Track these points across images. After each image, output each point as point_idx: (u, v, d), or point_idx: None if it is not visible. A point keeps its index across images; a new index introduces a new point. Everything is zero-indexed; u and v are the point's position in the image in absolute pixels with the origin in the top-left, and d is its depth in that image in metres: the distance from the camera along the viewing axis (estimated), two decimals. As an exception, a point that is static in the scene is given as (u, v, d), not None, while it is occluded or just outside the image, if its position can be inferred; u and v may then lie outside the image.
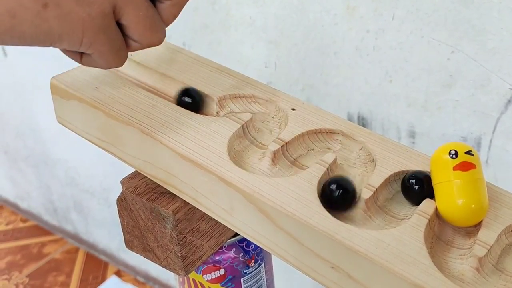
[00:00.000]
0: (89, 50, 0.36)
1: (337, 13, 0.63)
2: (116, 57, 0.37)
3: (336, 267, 0.32)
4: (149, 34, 0.38)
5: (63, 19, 0.33)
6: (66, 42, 0.34)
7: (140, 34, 0.37)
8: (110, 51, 0.37)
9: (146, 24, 0.37)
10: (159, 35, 0.38)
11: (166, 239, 0.40)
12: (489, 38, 0.54)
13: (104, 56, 0.37)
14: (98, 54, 0.36)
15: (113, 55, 0.37)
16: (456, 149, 0.33)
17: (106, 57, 0.37)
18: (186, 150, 0.37)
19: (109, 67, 0.39)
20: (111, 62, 0.38)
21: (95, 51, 0.36)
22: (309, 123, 0.40)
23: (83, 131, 0.43)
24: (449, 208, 0.33)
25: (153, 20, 0.37)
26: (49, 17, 0.33)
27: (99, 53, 0.36)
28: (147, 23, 0.37)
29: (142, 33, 0.37)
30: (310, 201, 0.34)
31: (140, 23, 0.37)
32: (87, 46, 0.35)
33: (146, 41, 0.38)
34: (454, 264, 0.32)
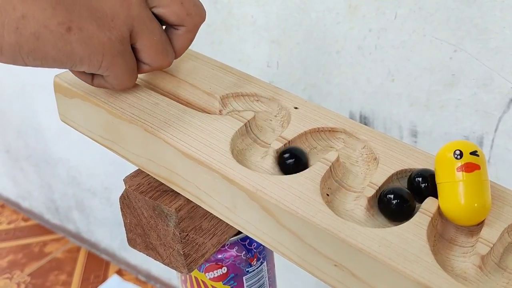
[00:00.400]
0: (106, 73, 0.38)
1: (339, 12, 0.63)
2: (130, 79, 0.39)
3: (339, 265, 0.32)
4: (161, 58, 0.39)
5: (85, 43, 0.35)
6: (86, 65, 0.36)
7: (152, 58, 0.39)
8: (125, 74, 0.38)
9: (158, 49, 0.39)
10: (169, 59, 0.40)
11: (168, 237, 0.40)
12: (492, 37, 0.54)
13: (118, 78, 0.39)
14: (114, 76, 0.38)
15: (127, 77, 0.39)
16: (461, 149, 0.33)
17: (120, 79, 0.39)
18: (189, 148, 0.37)
19: (121, 89, 0.41)
20: (124, 84, 0.39)
21: (111, 73, 0.38)
22: (311, 122, 0.40)
23: (86, 129, 0.43)
24: (451, 208, 0.33)
25: (165, 45, 0.39)
26: (72, 40, 0.34)
27: (115, 75, 0.38)
28: (159, 48, 0.39)
29: (154, 57, 0.39)
30: (313, 199, 0.34)
31: (153, 48, 0.38)
32: (105, 69, 0.37)
33: (157, 64, 0.40)
34: (456, 262, 0.32)
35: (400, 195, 0.34)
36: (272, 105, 0.43)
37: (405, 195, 0.34)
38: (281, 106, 0.43)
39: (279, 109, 0.43)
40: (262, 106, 0.43)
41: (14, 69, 1.16)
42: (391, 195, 0.33)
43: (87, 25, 0.35)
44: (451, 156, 0.33)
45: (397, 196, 0.33)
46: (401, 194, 0.34)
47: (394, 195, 0.33)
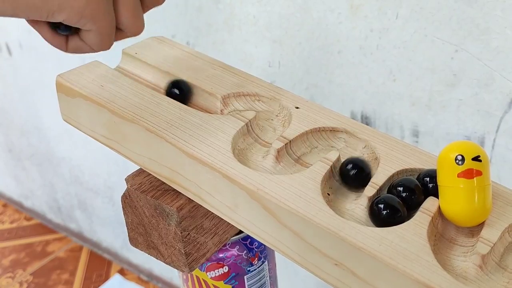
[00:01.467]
0: (88, 25, 0.34)
1: (341, 12, 0.63)
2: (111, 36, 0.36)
3: (340, 264, 0.32)
4: (135, 21, 0.37)
5: None
6: (66, 12, 0.32)
7: (128, 20, 0.36)
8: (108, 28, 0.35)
9: (135, 11, 0.36)
10: (142, 24, 0.38)
11: (170, 236, 0.40)
12: (493, 37, 0.54)
13: (102, 33, 0.35)
14: (97, 30, 0.34)
15: (110, 33, 0.35)
16: (463, 154, 0.32)
17: (103, 34, 0.35)
18: (191, 148, 0.38)
19: (101, 48, 0.36)
20: (105, 42, 0.36)
21: (94, 26, 0.34)
22: (312, 121, 0.41)
23: (88, 128, 0.44)
24: (451, 212, 0.33)
25: (139, 7, 0.37)
26: None
27: (98, 29, 0.34)
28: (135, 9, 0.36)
29: (129, 19, 0.36)
30: (314, 198, 0.34)
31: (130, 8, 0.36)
32: (88, 19, 0.33)
33: (131, 29, 0.37)
34: (457, 261, 0.32)
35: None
36: (273, 104, 0.43)
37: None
38: (282, 105, 0.43)
39: (280, 109, 0.43)
40: (263, 106, 0.43)
41: (17, 68, 1.16)
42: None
43: None
44: (453, 161, 0.32)
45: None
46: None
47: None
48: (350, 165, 0.37)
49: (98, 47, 0.36)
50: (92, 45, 0.36)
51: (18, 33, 1.10)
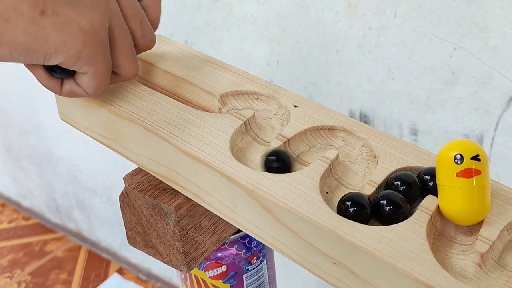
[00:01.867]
0: (84, 68, 0.33)
1: (339, 10, 0.63)
2: (106, 80, 0.36)
3: (339, 263, 0.32)
4: (131, 65, 0.37)
5: (62, 28, 0.31)
6: (62, 54, 0.32)
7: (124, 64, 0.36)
8: (104, 71, 0.35)
9: (130, 53, 0.36)
10: (137, 67, 0.38)
11: (168, 235, 0.40)
12: (492, 35, 0.54)
13: (98, 76, 0.34)
14: (93, 73, 0.34)
15: (106, 77, 0.35)
16: (462, 153, 0.31)
17: (100, 78, 0.35)
18: (189, 147, 0.37)
19: (95, 93, 0.36)
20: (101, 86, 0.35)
21: (90, 69, 0.34)
22: (311, 120, 0.40)
23: (86, 128, 0.43)
24: (450, 211, 0.33)
25: (133, 50, 0.37)
26: (46, 25, 0.31)
27: (94, 72, 0.34)
28: (130, 52, 0.36)
29: (126, 63, 0.36)
30: (313, 197, 0.34)
31: (125, 51, 0.36)
32: (85, 62, 0.33)
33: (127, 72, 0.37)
34: (456, 260, 0.32)
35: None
36: (272, 103, 0.43)
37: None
38: (281, 104, 0.43)
39: (279, 108, 0.43)
40: (261, 105, 0.43)
41: (16, 68, 1.16)
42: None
43: (63, 10, 0.31)
44: (452, 160, 0.32)
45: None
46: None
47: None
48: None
49: (92, 90, 0.36)
50: (87, 88, 0.36)
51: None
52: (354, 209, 0.33)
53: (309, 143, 0.40)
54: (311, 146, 0.40)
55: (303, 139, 0.40)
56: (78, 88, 0.36)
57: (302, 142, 0.40)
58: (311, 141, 0.40)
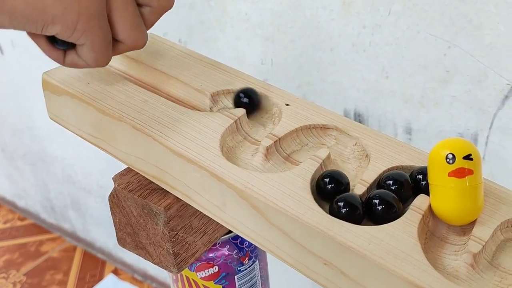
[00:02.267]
0: (81, 39, 0.34)
1: (333, 9, 0.62)
2: (106, 52, 0.36)
3: (329, 264, 0.31)
4: (135, 34, 0.37)
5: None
6: (59, 25, 0.33)
7: (127, 33, 0.36)
8: (102, 42, 0.35)
9: (134, 23, 0.36)
10: (143, 37, 0.38)
11: (158, 236, 0.40)
12: (486, 33, 0.53)
13: (95, 48, 0.35)
14: (90, 45, 0.35)
15: (104, 49, 0.36)
16: (454, 153, 0.31)
17: (97, 49, 0.35)
18: (178, 146, 0.37)
19: (96, 64, 0.37)
20: (100, 57, 0.36)
21: (87, 40, 0.35)
22: (303, 119, 0.40)
23: (75, 127, 0.43)
24: (442, 210, 0.32)
25: (139, 20, 0.37)
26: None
27: (92, 43, 0.35)
28: (134, 21, 0.36)
29: (129, 32, 0.36)
30: (303, 197, 0.33)
31: (128, 20, 0.36)
32: (80, 33, 0.34)
33: (131, 41, 0.37)
34: (448, 260, 0.31)
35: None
36: (264, 102, 0.43)
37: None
38: (273, 103, 0.42)
39: (271, 106, 0.42)
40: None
41: (9, 67, 1.15)
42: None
43: None
44: (443, 159, 0.31)
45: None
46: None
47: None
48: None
49: (93, 62, 0.37)
50: (87, 60, 0.36)
51: (10, 32, 1.09)
52: (347, 210, 0.32)
53: (300, 142, 0.40)
54: (303, 145, 0.40)
55: (294, 138, 0.39)
56: (79, 59, 0.37)
57: (293, 141, 0.39)
58: (302, 140, 0.40)
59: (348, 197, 0.33)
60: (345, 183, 0.35)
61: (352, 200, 0.33)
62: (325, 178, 0.34)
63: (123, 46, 0.37)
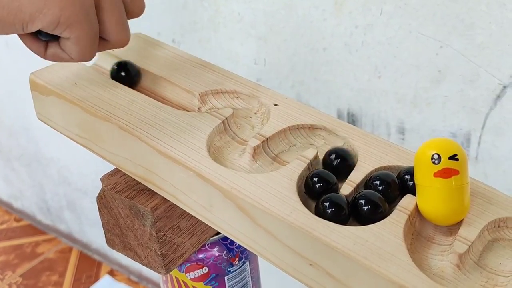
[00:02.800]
0: (66, 33, 0.33)
1: (325, 8, 0.62)
2: (91, 46, 0.35)
3: (314, 264, 0.31)
4: (120, 31, 0.36)
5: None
6: (39, 21, 0.32)
7: (113, 30, 0.36)
8: (88, 37, 0.34)
9: (119, 19, 0.36)
10: (128, 34, 0.37)
11: (145, 237, 0.40)
12: (478, 32, 0.53)
13: (81, 41, 0.34)
14: (76, 39, 0.34)
15: (90, 43, 0.35)
16: (439, 153, 0.31)
17: (83, 43, 0.34)
18: (165, 146, 0.37)
19: (80, 58, 0.36)
20: (85, 51, 0.35)
21: (72, 34, 0.33)
22: (291, 119, 0.40)
23: (63, 127, 0.43)
24: (428, 210, 0.32)
25: (124, 16, 0.36)
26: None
27: (77, 37, 0.34)
28: (120, 17, 0.36)
29: (115, 28, 0.36)
30: (289, 197, 0.33)
31: (115, 16, 0.35)
32: (64, 26, 0.33)
33: (117, 38, 0.36)
34: (434, 260, 0.31)
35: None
36: (252, 102, 0.42)
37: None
38: (261, 103, 0.42)
39: (259, 106, 0.42)
40: (242, 103, 0.43)
41: (4, 68, 1.15)
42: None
43: None
44: (429, 160, 0.31)
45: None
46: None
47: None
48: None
49: (77, 56, 0.36)
50: (71, 53, 0.35)
51: (4, 33, 1.08)
52: (332, 210, 0.32)
53: (289, 142, 0.39)
54: (291, 145, 0.39)
55: (282, 138, 0.39)
56: (62, 52, 0.36)
57: (281, 141, 0.39)
58: (291, 140, 0.39)
59: (334, 197, 0.33)
60: (333, 183, 0.34)
61: (338, 200, 0.32)
62: (313, 178, 0.34)
63: (107, 44, 0.37)
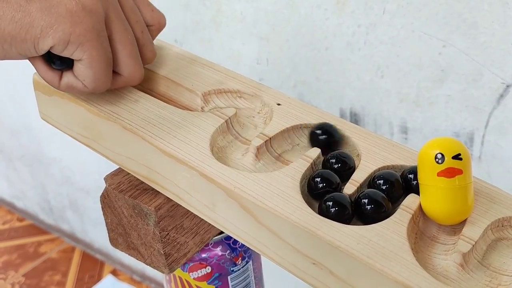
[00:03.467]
0: (78, 53, 0.32)
1: (328, 7, 0.62)
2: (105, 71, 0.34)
3: (318, 264, 0.31)
4: (134, 64, 0.36)
5: (48, 10, 0.30)
6: (50, 38, 0.31)
7: (126, 62, 0.35)
8: (101, 59, 0.33)
9: (132, 52, 0.35)
10: (141, 70, 0.37)
11: (149, 236, 0.40)
12: (481, 31, 0.53)
13: (94, 64, 0.33)
14: (88, 60, 0.33)
15: (103, 67, 0.34)
16: (443, 152, 0.30)
17: (96, 66, 0.33)
18: (168, 146, 0.37)
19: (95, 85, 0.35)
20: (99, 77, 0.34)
21: (84, 54, 0.33)
22: (294, 118, 0.40)
23: (66, 127, 0.43)
24: (431, 210, 0.32)
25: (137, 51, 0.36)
26: (32, 10, 0.30)
27: (89, 58, 0.33)
28: (133, 51, 0.35)
29: (128, 61, 0.35)
30: (292, 196, 0.33)
31: (127, 48, 0.35)
32: (76, 45, 0.32)
33: (130, 72, 0.36)
34: (438, 260, 0.31)
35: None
36: (255, 101, 0.42)
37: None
38: (264, 102, 0.42)
39: (262, 106, 0.42)
40: (245, 103, 0.43)
41: (6, 68, 1.15)
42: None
43: None
44: (433, 159, 0.31)
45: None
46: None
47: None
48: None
49: (91, 82, 0.34)
50: (85, 79, 0.34)
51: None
52: (336, 209, 0.32)
53: (292, 142, 0.39)
54: (294, 144, 0.39)
55: (285, 137, 0.39)
56: (76, 81, 0.35)
57: (285, 141, 0.39)
58: (294, 139, 0.39)
59: (337, 196, 0.33)
60: (336, 183, 0.34)
61: (341, 200, 0.32)
62: (316, 178, 0.34)
63: (120, 78, 0.36)
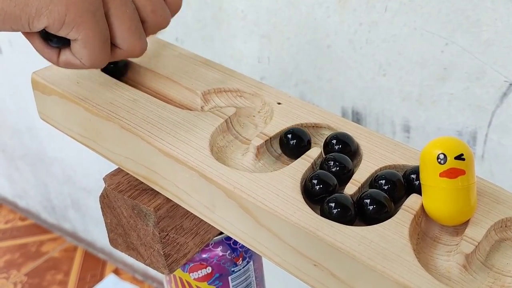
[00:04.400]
0: (73, 33, 0.33)
1: (329, 6, 0.61)
2: (101, 50, 0.34)
3: (319, 265, 0.31)
4: (133, 39, 0.35)
5: None
6: (45, 17, 0.31)
7: (124, 36, 0.35)
8: (96, 38, 0.33)
9: (131, 26, 0.35)
10: (142, 43, 0.36)
11: (148, 237, 0.39)
12: (484, 29, 0.52)
13: (89, 44, 0.33)
14: (84, 40, 0.33)
15: (99, 46, 0.34)
16: (445, 153, 0.30)
17: (91, 45, 0.34)
18: (167, 146, 0.36)
19: (92, 63, 0.35)
20: (95, 55, 0.34)
21: (79, 34, 0.33)
22: (295, 117, 0.39)
23: (65, 127, 0.42)
24: (434, 211, 0.31)
25: (137, 24, 0.36)
26: None
27: (84, 38, 0.33)
28: (132, 25, 0.35)
29: (126, 35, 0.35)
30: (293, 197, 0.33)
31: (126, 23, 0.35)
32: (71, 27, 0.32)
33: (129, 46, 0.36)
34: (440, 261, 0.31)
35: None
36: (256, 100, 0.42)
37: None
38: (264, 101, 0.41)
39: (263, 105, 0.42)
40: (245, 102, 0.42)
41: (8, 67, 1.15)
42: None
43: None
44: (435, 159, 0.30)
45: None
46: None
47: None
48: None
49: (87, 60, 0.35)
50: (81, 57, 0.35)
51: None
52: (338, 211, 0.32)
53: (293, 141, 0.39)
54: (295, 144, 0.39)
55: (286, 137, 0.39)
56: (73, 58, 0.35)
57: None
58: (294, 139, 0.39)
59: (340, 197, 0.32)
60: (333, 185, 0.34)
61: (344, 201, 0.32)
62: (313, 180, 0.34)
63: (120, 51, 0.36)
